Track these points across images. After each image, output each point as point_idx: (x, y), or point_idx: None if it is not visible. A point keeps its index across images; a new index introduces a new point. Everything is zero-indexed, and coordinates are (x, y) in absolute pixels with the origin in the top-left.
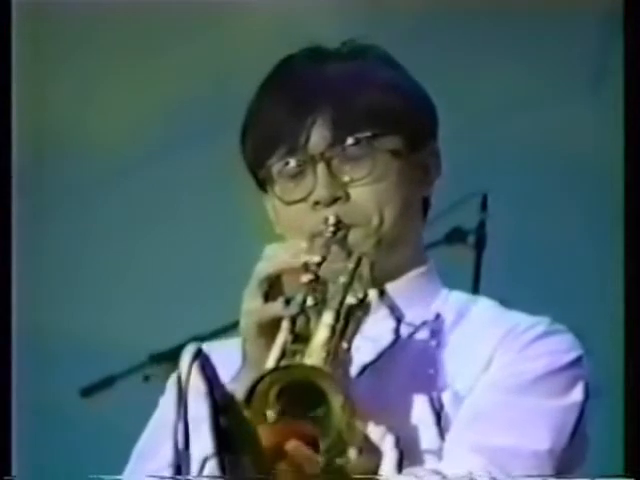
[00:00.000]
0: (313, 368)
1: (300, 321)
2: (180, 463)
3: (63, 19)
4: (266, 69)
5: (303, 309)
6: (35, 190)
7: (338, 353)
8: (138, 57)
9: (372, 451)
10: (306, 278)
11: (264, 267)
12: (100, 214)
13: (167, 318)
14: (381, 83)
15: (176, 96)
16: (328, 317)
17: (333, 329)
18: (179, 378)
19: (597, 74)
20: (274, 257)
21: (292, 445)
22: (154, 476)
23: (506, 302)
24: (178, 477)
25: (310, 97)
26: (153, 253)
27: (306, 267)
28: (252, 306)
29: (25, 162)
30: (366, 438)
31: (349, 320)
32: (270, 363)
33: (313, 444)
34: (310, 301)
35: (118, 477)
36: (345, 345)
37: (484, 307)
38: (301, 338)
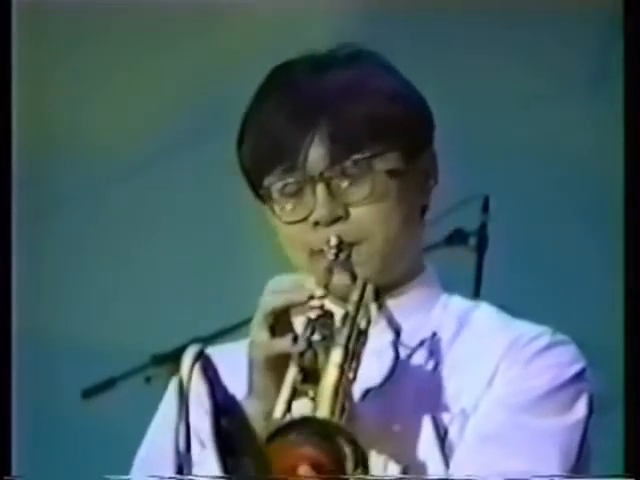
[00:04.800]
0: (329, 424)
1: (308, 356)
2: (182, 465)
3: (63, 19)
4: (265, 70)
5: (311, 344)
6: (35, 190)
7: (345, 388)
8: (138, 58)
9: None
10: (314, 314)
11: (269, 301)
12: (101, 215)
13: (168, 319)
14: (378, 92)
15: (176, 97)
16: (337, 356)
17: (342, 369)
18: (180, 380)
19: (597, 74)
20: (278, 292)
21: (304, 470)
22: (154, 476)
23: (506, 307)
24: (178, 477)
25: (307, 112)
26: (154, 254)
27: (311, 299)
28: (259, 339)
29: (25, 162)
30: None
31: (355, 353)
32: (280, 404)
33: (324, 471)
34: (317, 336)
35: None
36: (351, 376)
37: (485, 314)
38: (310, 377)
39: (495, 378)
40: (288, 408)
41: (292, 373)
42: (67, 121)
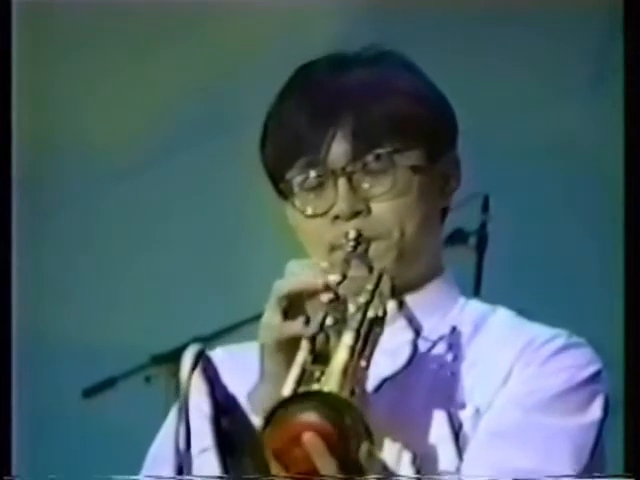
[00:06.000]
0: (333, 397)
1: (320, 339)
2: (182, 464)
3: (63, 19)
4: (266, 70)
5: (323, 328)
6: (35, 190)
7: (356, 373)
8: (138, 58)
9: (391, 477)
10: (326, 298)
11: (284, 284)
12: (101, 215)
13: (169, 319)
14: (402, 92)
15: (176, 97)
16: (348, 338)
17: (352, 350)
18: (180, 380)
19: (597, 74)
20: (295, 275)
21: (308, 436)
22: (154, 476)
23: (524, 312)
24: (178, 477)
25: (330, 108)
26: (154, 254)
27: (326, 287)
28: (271, 322)
29: (25, 162)
30: (385, 467)
31: (368, 339)
32: (289, 383)
33: (329, 443)
34: (330, 320)
35: (123, 477)
36: (363, 363)
37: (502, 317)
38: (321, 358)
39: (510, 378)
40: (296, 388)
41: (303, 354)
42: (67, 121)
